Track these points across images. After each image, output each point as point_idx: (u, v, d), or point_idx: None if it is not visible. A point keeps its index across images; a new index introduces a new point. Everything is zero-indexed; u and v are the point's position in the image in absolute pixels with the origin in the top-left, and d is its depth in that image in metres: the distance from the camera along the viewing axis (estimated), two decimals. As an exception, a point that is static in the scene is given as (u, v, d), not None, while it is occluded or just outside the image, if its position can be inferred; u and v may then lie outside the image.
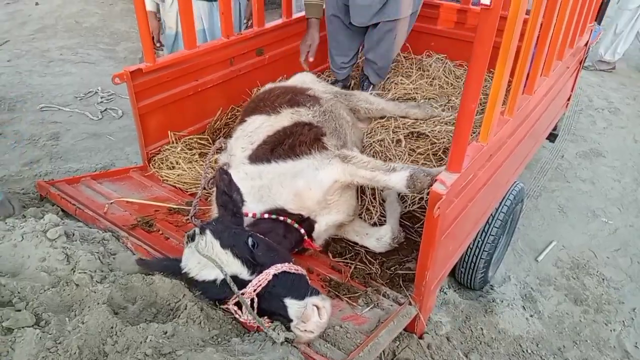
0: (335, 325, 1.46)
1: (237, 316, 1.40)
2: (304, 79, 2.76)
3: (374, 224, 1.99)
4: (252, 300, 1.36)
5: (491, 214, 2.14)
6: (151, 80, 2.27)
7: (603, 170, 3.70)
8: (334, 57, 3.01)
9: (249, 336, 1.40)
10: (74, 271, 1.47)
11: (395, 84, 3.29)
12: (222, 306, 1.45)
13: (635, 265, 2.82)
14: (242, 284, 1.37)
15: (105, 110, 4.15)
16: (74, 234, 1.58)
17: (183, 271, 1.44)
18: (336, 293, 1.67)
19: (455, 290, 2.48)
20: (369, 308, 1.62)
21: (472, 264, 2.26)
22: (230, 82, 2.72)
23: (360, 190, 2.07)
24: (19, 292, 1.37)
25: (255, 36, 2.79)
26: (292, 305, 1.35)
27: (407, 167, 1.75)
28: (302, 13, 2.91)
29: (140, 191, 2.13)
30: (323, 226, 1.80)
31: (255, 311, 1.36)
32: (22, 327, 1.24)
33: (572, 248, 2.91)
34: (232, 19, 2.71)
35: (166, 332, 1.29)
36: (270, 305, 1.38)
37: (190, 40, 2.47)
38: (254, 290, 1.35)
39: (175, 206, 2.02)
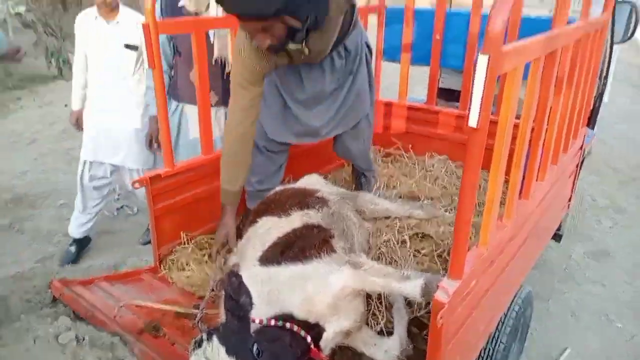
0: None
1: None
2: (311, 181, 2.89)
3: (380, 331, 1.98)
4: (255, 412, 1.34)
5: (500, 320, 2.12)
6: (169, 185, 2.42)
7: (613, 272, 3.67)
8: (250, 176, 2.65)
9: None
10: (81, 379, 1.47)
11: (400, 183, 3.41)
12: (225, 418, 1.42)
13: (658, 376, 2.70)
14: (245, 394, 1.36)
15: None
16: (84, 339, 1.60)
17: (189, 380, 1.44)
18: (342, 405, 1.63)
19: (468, 401, 2.37)
20: (375, 422, 1.56)
21: (484, 373, 2.18)
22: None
23: (367, 294, 2.08)
24: (24, 401, 1.37)
25: (266, 142, 2.99)
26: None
27: (420, 274, 1.77)
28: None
29: (150, 294, 2.17)
30: (331, 334, 1.79)
31: None
32: None
33: (587, 356, 2.80)
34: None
35: None
36: (272, 418, 1.35)
37: (207, 145, 2.67)
38: (257, 402, 1.34)
39: (182, 310, 2.04)
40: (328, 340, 1.80)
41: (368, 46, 2.68)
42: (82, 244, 3.71)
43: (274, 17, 1.70)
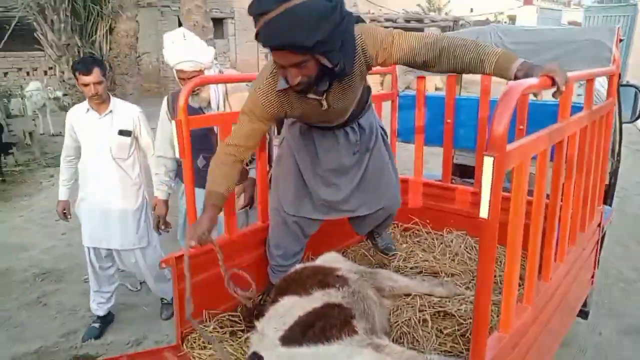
0: None
1: None
2: (331, 259, 2.94)
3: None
4: None
5: (528, 407, 2.05)
6: (194, 264, 2.50)
7: (647, 351, 3.51)
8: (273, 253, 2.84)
9: None
10: None
11: (423, 260, 3.41)
12: None
13: None
14: None
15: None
16: None
17: None
18: None
19: None
20: None
21: None
22: (263, 262, 2.93)
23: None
24: None
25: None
26: None
27: (443, 358, 1.78)
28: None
29: (173, 374, 2.19)
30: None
31: None
32: None
33: None
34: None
35: None
36: None
37: (231, 225, 2.78)
38: None
39: (205, 392, 2.05)
40: None
41: (382, 128, 2.86)
42: (106, 320, 3.75)
43: (310, 53, 1.78)
